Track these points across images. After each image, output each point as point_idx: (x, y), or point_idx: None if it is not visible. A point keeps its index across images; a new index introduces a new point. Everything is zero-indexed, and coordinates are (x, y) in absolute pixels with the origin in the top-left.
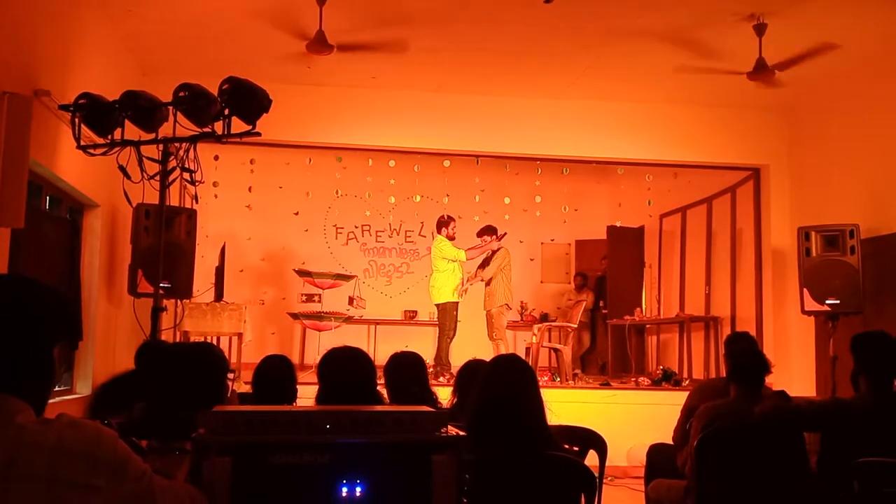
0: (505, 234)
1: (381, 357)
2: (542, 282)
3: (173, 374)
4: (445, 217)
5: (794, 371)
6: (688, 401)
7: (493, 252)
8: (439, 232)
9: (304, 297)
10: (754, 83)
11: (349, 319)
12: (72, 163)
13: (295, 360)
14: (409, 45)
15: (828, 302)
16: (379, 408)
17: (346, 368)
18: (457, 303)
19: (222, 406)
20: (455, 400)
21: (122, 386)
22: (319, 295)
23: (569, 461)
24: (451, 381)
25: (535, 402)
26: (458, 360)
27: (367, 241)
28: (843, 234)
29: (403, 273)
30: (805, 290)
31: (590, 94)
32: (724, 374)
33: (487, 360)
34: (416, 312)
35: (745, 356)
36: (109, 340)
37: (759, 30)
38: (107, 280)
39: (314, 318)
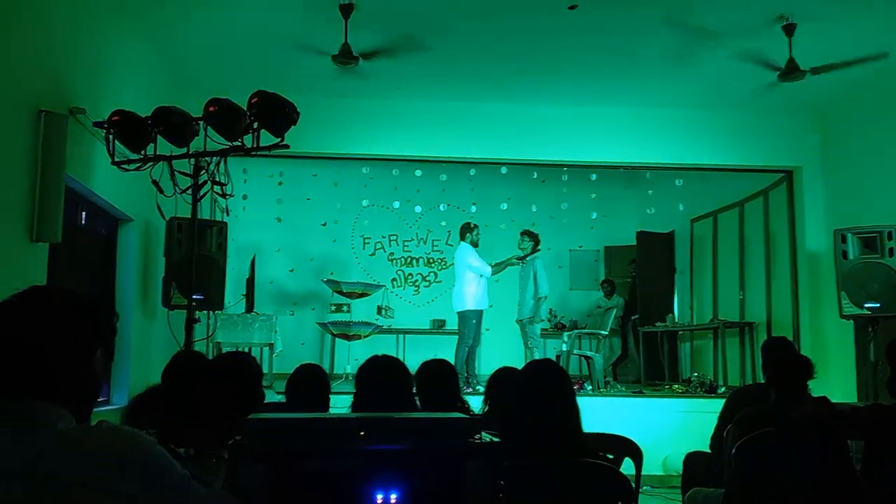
0: (535, 253)
1: (410, 367)
2: (570, 289)
3: (210, 384)
4: (469, 224)
5: (833, 377)
6: (725, 407)
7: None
8: (462, 238)
9: (333, 308)
10: (786, 84)
11: (378, 329)
12: (106, 178)
13: (325, 369)
14: (434, 55)
15: (867, 305)
16: (413, 414)
17: (384, 376)
18: (479, 311)
19: (258, 413)
20: (486, 407)
21: (155, 397)
22: (348, 305)
23: (605, 468)
24: (468, 389)
25: (570, 407)
26: (488, 368)
27: (395, 251)
28: (880, 236)
29: (431, 282)
30: (843, 293)
31: (617, 99)
32: (760, 380)
33: (518, 367)
34: (444, 321)
35: (789, 359)
36: (144, 352)
37: (789, 31)
38: (142, 293)
39: (343, 328)
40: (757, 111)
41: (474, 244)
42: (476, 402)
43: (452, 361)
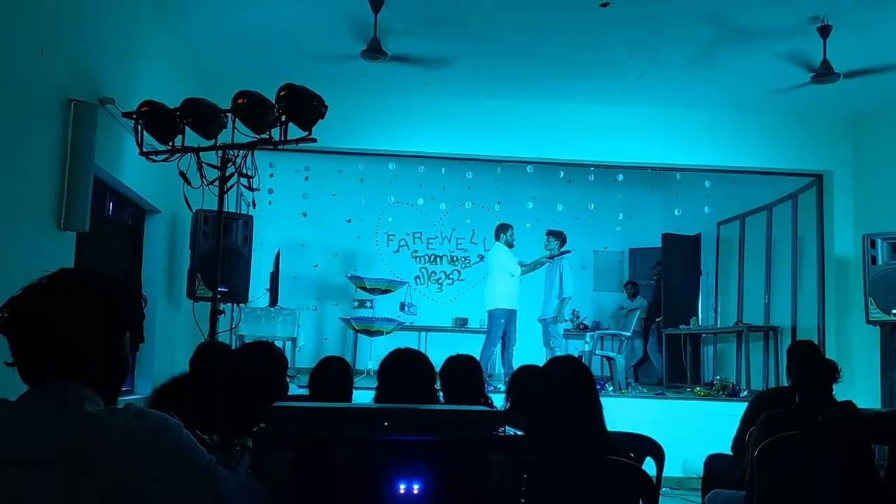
0: (561, 254)
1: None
2: (594, 290)
3: (235, 372)
4: (504, 224)
5: (858, 383)
6: (748, 410)
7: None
8: (497, 239)
9: (356, 304)
10: (818, 87)
11: (400, 325)
12: (134, 169)
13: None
14: (463, 52)
15: (893, 311)
16: (437, 406)
17: (406, 369)
18: (507, 311)
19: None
20: (508, 405)
21: (180, 386)
22: (371, 301)
23: (628, 466)
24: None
25: (593, 403)
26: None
27: (419, 248)
28: None
29: (454, 280)
30: (870, 298)
31: (646, 99)
32: (784, 384)
33: (540, 366)
34: (466, 320)
35: (815, 363)
36: (169, 343)
37: (824, 32)
38: (167, 284)
39: (366, 324)
40: (788, 114)
41: (508, 244)
42: (498, 401)
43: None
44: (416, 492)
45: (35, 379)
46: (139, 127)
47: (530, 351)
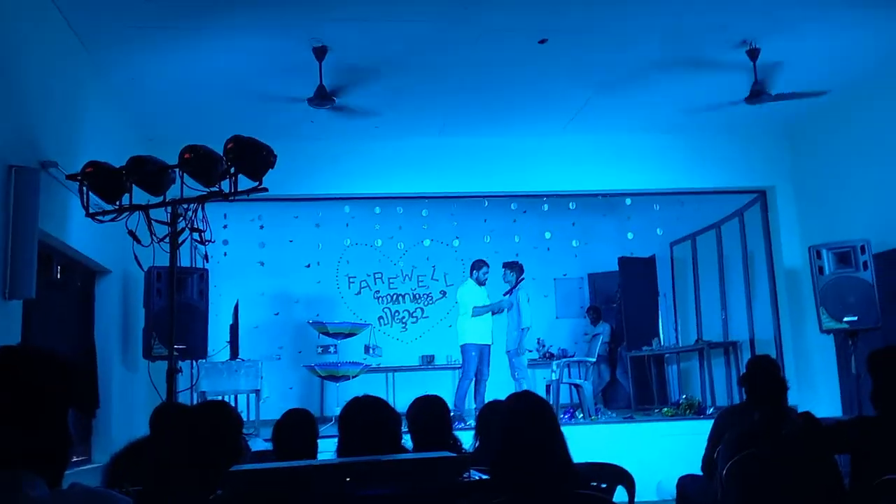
0: (519, 284)
1: (401, 404)
2: (557, 318)
3: (187, 433)
4: (479, 261)
5: (819, 391)
6: (713, 429)
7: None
8: (470, 275)
9: (319, 350)
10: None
11: (366, 368)
12: (82, 231)
13: (315, 412)
14: (409, 93)
15: (845, 319)
16: (399, 456)
17: (368, 417)
18: (479, 345)
19: (240, 465)
20: (477, 443)
21: (137, 452)
22: (335, 346)
23: (595, 498)
24: (461, 424)
25: (555, 436)
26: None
27: (380, 289)
28: (854, 250)
29: (418, 318)
30: (822, 308)
31: (591, 127)
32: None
33: None
34: (433, 357)
35: (760, 377)
36: (126, 406)
37: (753, 55)
38: (122, 345)
39: (331, 369)
40: (728, 134)
41: (479, 282)
42: (468, 438)
43: (448, 398)
44: None
45: None
46: (84, 188)
47: (502, 385)
